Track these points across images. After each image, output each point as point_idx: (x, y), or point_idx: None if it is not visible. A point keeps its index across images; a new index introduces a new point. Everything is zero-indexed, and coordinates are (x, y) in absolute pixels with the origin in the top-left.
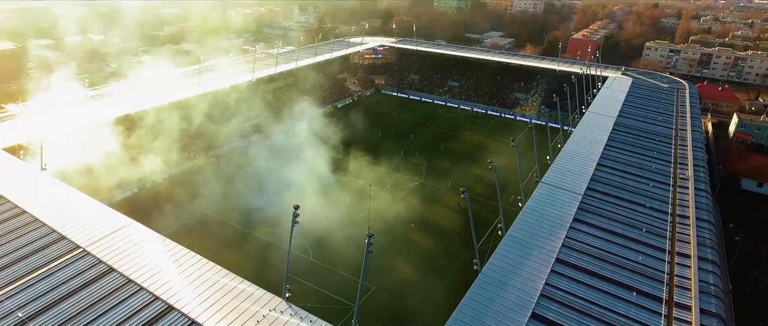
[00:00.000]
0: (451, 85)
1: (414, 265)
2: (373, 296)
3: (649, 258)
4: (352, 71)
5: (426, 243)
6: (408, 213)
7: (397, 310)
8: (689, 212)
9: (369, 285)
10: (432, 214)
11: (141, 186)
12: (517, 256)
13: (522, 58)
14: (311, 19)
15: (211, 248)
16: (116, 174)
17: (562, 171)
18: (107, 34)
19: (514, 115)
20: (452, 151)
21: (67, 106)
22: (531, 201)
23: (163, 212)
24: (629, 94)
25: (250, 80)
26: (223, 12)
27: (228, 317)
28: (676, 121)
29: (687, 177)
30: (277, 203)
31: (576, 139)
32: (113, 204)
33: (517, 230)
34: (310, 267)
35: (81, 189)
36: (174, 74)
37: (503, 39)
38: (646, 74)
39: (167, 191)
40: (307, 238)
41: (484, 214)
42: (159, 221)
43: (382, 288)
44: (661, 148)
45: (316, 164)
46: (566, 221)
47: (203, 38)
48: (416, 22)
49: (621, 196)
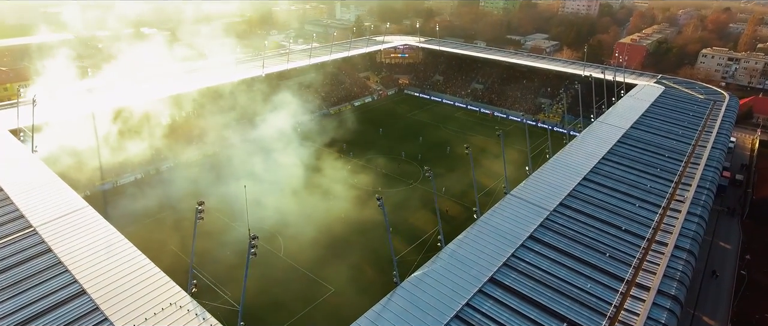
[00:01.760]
0: (474, 88)
1: (379, 269)
2: (330, 298)
3: (600, 286)
4: (376, 70)
5: (399, 248)
6: (390, 216)
7: (347, 314)
8: (669, 239)
9: (328, 286)
10: (415, 219)
11: (145, 172)
12: (445, 272)
13: (550, 61)
14: (352, 17)
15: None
16: (121, 159)
17: (539, 183)
18: (158, 27)
19: (535, 122)
20: (457, 156)
21: (82, 93)
22: (488, 213)
23: (154, 198)
24: (654, 104)
25: (260, 75)
26: (268, 8)
27: (128, 307)
28: (698, 135)
29: (684, 199)
30: (259, 198)
31: (570, 150)
32: (117, 187)
33: (459, 244)
34: (275, 264)
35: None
36: (187, 68)
37: (547, 41)
38: (683, 83)
39: (169, 178)
40: (283, 235)
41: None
42: (148, 206)
43: (341, 291)
44: (668, 165)
45: (308, 163)
46: (519, 238)
47: (244, 33)
48: (458, 21)
49: (596, 216)
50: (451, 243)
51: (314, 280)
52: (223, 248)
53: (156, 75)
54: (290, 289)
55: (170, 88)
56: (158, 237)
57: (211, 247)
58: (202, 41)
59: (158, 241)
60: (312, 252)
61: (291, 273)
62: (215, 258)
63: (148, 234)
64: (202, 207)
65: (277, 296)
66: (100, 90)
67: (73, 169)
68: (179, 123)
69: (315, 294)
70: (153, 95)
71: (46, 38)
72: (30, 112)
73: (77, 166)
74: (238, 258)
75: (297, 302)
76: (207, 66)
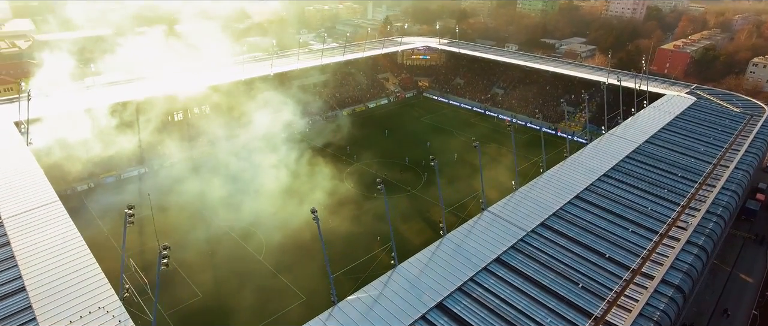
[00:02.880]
0: (495, 93)
1: (354, 280)
2: (297, 308)
3: (563, 322)
4: (396, 71)
5: (384, 259)
6: (382, 224)
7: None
8: (657, 272)
9: (301, 295)
10: (406, 229)
11: (150, 166)
12: (392, 294)
13: (575, 67)
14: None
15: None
16: (112, 156)
17: (523, 200)
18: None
19: (554, 130)
20: (464, 164)
21: (82, 89)
22: (456, 231)
23: (137, 196)
24: (678, 117)
25: (268, 74)
26: (302, 8)
27: (59, 308)
28: (723, 153)
29: (686, 226)
30: (240, 198)
31: (568, 165)
32: (121, 181)
33: (412, 264)
34: (255, 270)
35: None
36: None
37: (583, 46)
38: (719, 94)
39: (158, 177)
40: (268, 240)
41: None
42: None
43: (312, 301)
44: (678, 185)
45: (305, 165)
46: (482, 261)
47: (274, 32)
48: (492, 23)
49: (579, 240)
50: (404, 263)
51: (286, 287)
52: (192, 246)
53: (168, 71)
54: (260, 295)
55: (170, 87)
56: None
57: (182, 244)
58: (228, 39)
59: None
60: (286, 257)
61: (264, 279)
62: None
63: (117, 233)
64: (132, 212)
65: (243, 300)
66: (100, 86)
67: (62, 164)
68: (177, 122)
69: (284, 302)
70: (153, 92)
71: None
72: (41, 105)
73: (67, 161)
74: (199, 257)
75: (269, 304)
76: (216, 64)
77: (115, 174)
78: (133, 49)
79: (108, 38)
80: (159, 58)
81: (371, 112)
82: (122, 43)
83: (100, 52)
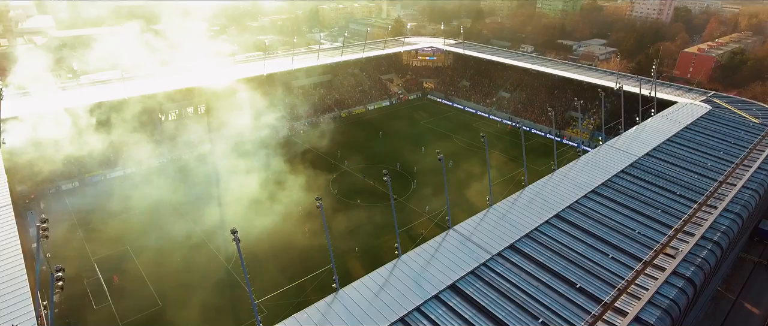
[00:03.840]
0: (500, 96)
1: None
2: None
3: None
4: (401, 72)
5: (357, 272)
6: (362, 235)
7: None
8: (633, 308)
9: (262, 308)
10: (379, 244)
11: (137, 166)
12: (321, 321)
13: (586, 71)
14: (401, 16)
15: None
16: (84, 159)
17: (495, 219)
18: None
19: (560, 137)
20: (459, 171)
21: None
22: (413, 252)
23: (104, 200)
24: (687, 128)
25: (262, 74)
26: (317, 6)
27: None
28: (732, 169)
29: (675, 254)
30: (215, 203)
31: (553, 179)
32: (108, 180)
33: (358, 288)
34: (221, 279)
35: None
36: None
37: (603, 48)
38: (738, 103)
39: (132, 181)
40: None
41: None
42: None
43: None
44: (673, 206)
45: (291, 169)
46: (436, 286)
47: (286, 30)
48: (509, 23)
49: (550, 266)
50: (347, 287)
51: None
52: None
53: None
54: (222, 307)
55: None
56: (77, 244)
57: (150, 249)
58: (243, 38)
59: (76, 248)
60: (256, 266)
61: (231, 289)
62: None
63: (90, 238)
64: (46, 225)
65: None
66: (83, 86)
67: (38, 164)
68: (161, 123)
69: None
70: (138, 92)
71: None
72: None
73: (37, 163)
74: (166, 264)
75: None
76: (209, 65)
77: (101, 173)
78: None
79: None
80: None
81: (370, 114)
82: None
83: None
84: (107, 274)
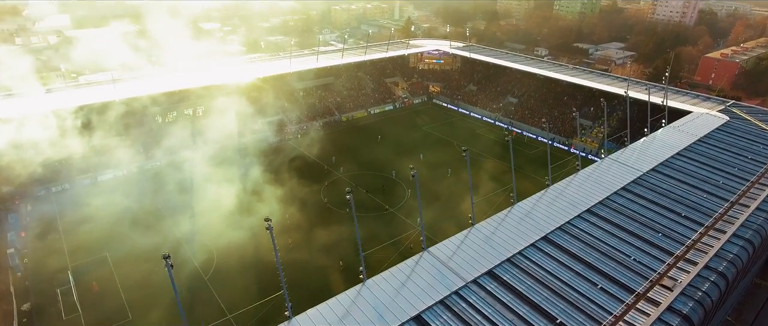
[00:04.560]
0: (507, 102)
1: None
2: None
3: None
4: (406, 75)
5: (337, 288)
6: (349, 247)
7: None
8: None
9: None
10: (373, 253)
11: (128, 169)
12: None
13: (597, 76)
14: (413, 16)
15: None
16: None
17: (478, 239)
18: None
19: (568, 147)
20: (457, 181)
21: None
22: (385, 274)
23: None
24: (701, 140)
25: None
26: (329, 7)
27: None
28: (747, 188)
29: (672, 286)
30: (197, 211)
31: (547, 196)
32: (97, 183)
33: (311, 317)
34: (197, 288)
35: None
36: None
37: (620, 52)
38: (759, 114)
39: (113, 187)
40: (219, 255)
41: None
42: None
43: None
44: (677, 229)
45: (280, 176)
46: (399, 317)
47: (297, 31)
48: (524, 25)
49: (529, 297)
50: (303, 314)
51: (221, 312)
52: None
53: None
54: None
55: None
56: (57, 247)
57: (127, 257)
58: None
59: (55, 252)
60: (235, 279)
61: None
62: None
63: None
64: None
65: None
66: (80, 87)
67: (17, 167)
68: (157, 126)
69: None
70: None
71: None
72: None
73: (28, 165)
74: (141, 274)
75: None
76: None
77: (91, 175)
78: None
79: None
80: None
81: (372, 118)
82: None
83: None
84: (82, 282)
